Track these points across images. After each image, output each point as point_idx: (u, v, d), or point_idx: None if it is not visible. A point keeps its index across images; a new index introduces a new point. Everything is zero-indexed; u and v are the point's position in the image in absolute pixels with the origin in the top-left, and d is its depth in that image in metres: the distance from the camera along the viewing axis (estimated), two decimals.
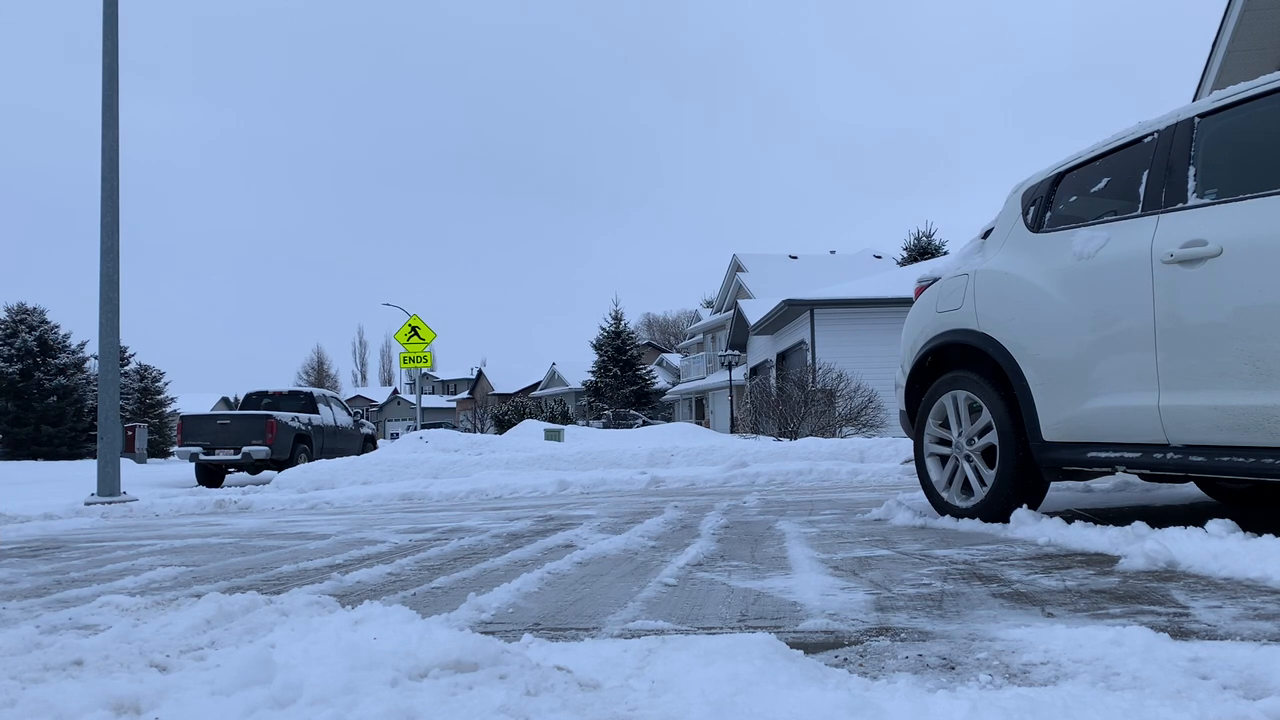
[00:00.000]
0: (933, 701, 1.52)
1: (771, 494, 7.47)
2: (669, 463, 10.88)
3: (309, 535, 5.36)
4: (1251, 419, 3.11)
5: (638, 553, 3.86)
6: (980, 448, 4.32)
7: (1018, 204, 4.42)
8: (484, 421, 50.71)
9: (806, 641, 2.11)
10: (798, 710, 1.49)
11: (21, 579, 3.74)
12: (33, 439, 33.11)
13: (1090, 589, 2.63)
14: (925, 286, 4.94)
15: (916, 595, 2.66)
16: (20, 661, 1.86)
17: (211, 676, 1.67)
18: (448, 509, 7.27)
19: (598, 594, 2.90)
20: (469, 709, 1.51)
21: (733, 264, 42.95)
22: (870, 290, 23.02)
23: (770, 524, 4.89)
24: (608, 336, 50.80)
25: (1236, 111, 3.43)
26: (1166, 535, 3.12)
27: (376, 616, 2.01)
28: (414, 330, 19.22)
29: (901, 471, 8.67)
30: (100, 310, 9.37)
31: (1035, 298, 4.05)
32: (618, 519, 5.51)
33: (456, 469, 10.77)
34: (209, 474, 14.18)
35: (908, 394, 4.91)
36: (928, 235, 38.57)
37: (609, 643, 2.10)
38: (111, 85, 9.61)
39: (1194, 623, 2.17)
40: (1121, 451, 3.64)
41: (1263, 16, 8.59)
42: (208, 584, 3.40)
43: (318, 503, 8.43)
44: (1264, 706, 1.48)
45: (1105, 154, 4.00)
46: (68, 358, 35.35)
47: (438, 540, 4.71)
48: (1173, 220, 3.46)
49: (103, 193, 9.46)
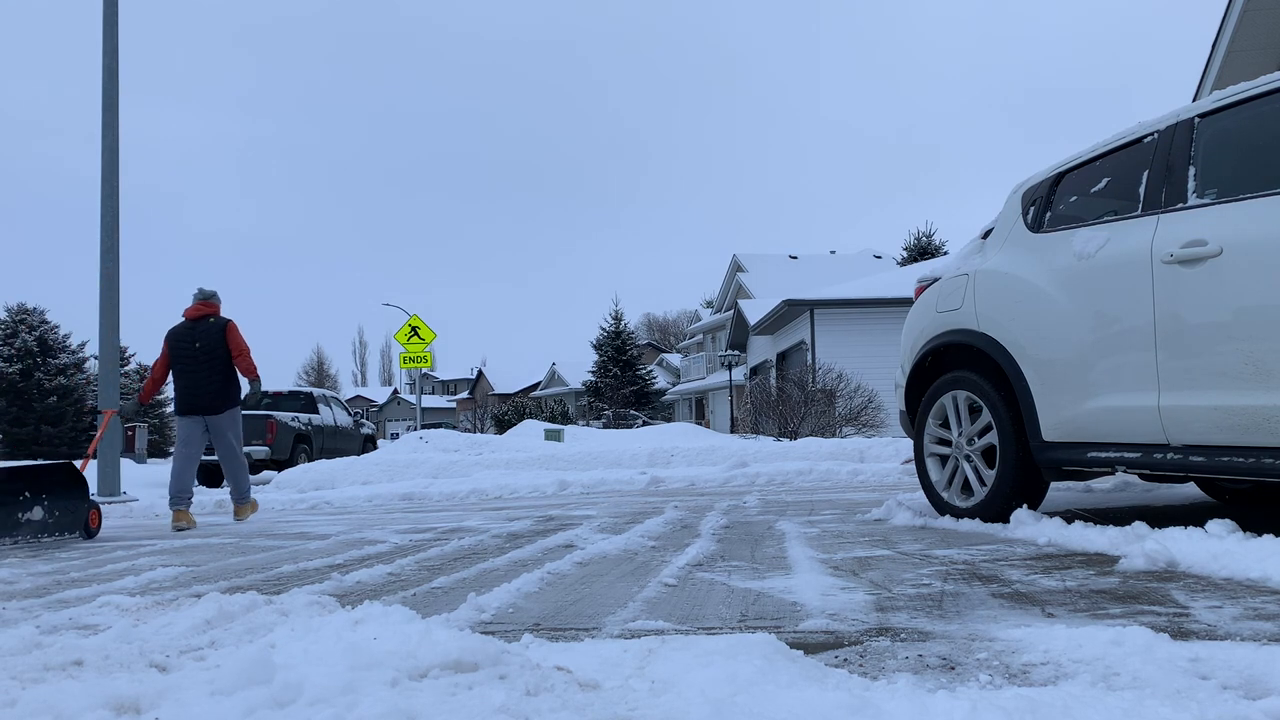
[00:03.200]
0: (933, 701, 1.52)
1: (772, 494, 7.48)
2: (669, 463, 10.88)
3: (309, 535, 5.36)
4: (1251, 419, 3.11)
5: (638, 553, 3.86)
6: (980, 448, 4.32)
7: (1018, 204, 4.42)
8: (484, 421, 50.70)
9: (806, 641, 2.11)
10: (798, 710, 1.49)
11: (21, 579, 3.74)
12: (33, 439, 33.14)
13: (1090, 589, 2.63)
14: (925, 286, 4.94)
15: (916, 595, 2.66)
16: (20, 661, 1.86)
17: (211, 676, 1.67)
18: (448, 509, 7.27)
19: (598, 594, 2.90)
20: (469, 709, 1.51)
21: (733, 264, 42.94)
22: (870, 290, 23.02)
23: (770, 524, 4.89)
24: (608, 337, 50.78)
25: (1236, 111, 3.43)
26: (1166, 535, 3.12)
27: (376, 616, 2.01)
28: (414, 330, 19.22)
29: (901, 471, 8.67)
30: (100, 310, 9.37)
31: (1035, 298, 4.05)
32: (618, 519, 5.51)
33: (456, 469, 10.77)
34: (209, 474, 14.17)
35: (908, 394, 4.91)
36: (928, 235, 38.59)
37: (609, 643, 2.10)
38: (111, 85, 9.62)
39: (1194, 623, 2.17)
40: (1121, 451, 3.64)
41: (1263, 16, 8.59)
42: (208, 584, 3.40)
43: (318, 503, 8.44)
44: (1264, 706, 1.48)
45: (1105, 154, 3.99)
46: (68, 358, 35.39)
47: (438, 540, 4.72)
48: (1173, 220, 3.46)
49: (103, 193, 9.47)
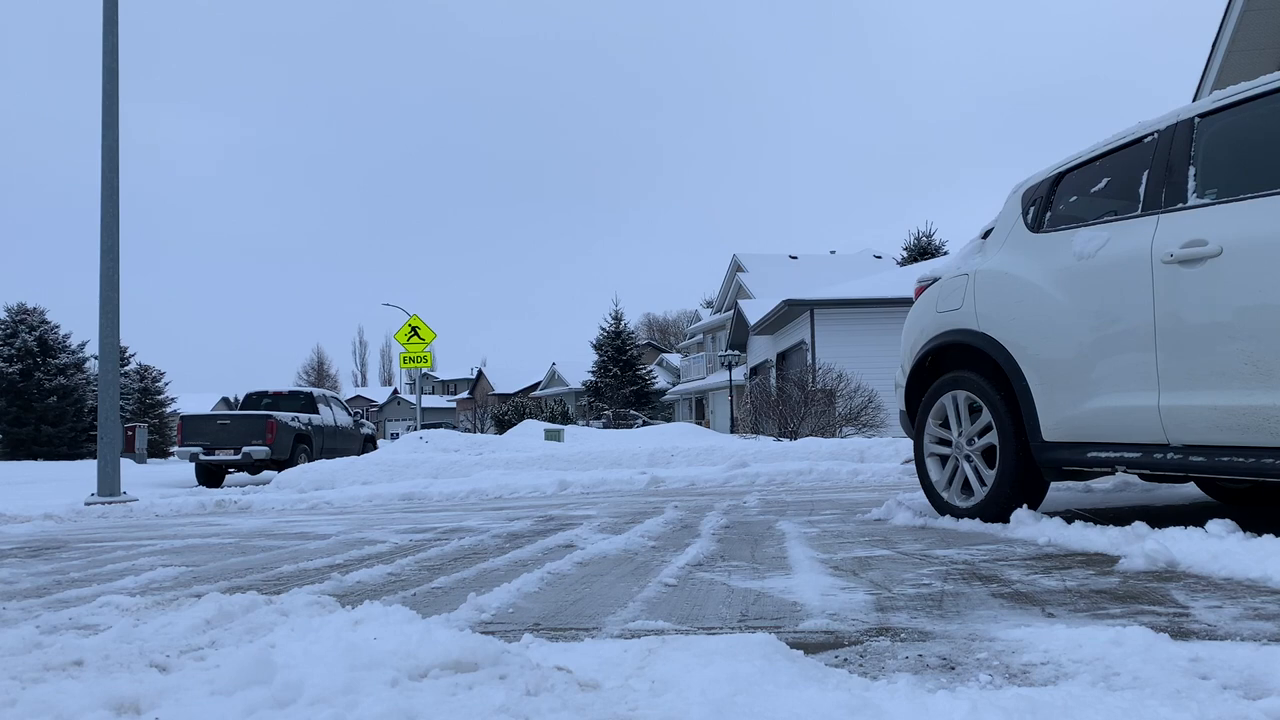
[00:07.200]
0: (933, 701, 1.52)
1: (772, 494, 7.47)
2: (669, 463, 10.87)
3: (309, 535, 5.36)
4: (1251, 419, 3.11)
5: (638, 553, 3.86)
6: (980, 448, 4.32)
7: (1018, 204, 4.42)
8: (484, 421, 50.75)
9: (807, 641, 2.11)
10: (798, 710, 1.49)
11: (22, 579, 3.74)
12: (33, 439, 33.13)
13: (1090, 589, 2.63)
14: (925, 286, 4.94)
15: (916, 595, 2.65)
16: (20, 661, 1.86)
17: (211, 676, 1.67)
18: (448, 509, 7.27)
19: (598, 594, 2.90)
20: (469, 709, 1.51)
21: (733, 264, 42.95)
22: (870, 290, 23.03)
23: (770, 524, 4.89)
24: (608, 336, 50.79)
25: (1236, 111, 3.43)
26: (1166, 535, 3.12)
27: (376, 616, 2.01)
28: (414, 330, 19.22)
29: (901, 471, 8.67)
30: (100, 310, 9.37)
31: (1035, 298, 4.05)
32: (618, 519, 5.51)
33: (456, 469, 10.76)
34: (209, 474, 14.19)
35: (908, 394, 4.91)
36: (928, 235, 38.61)
37: (609, 643, 2.10)
38: (111, 85, 9.61)
39: (1194, 623, 2.17)
40: (1121, 451, 3.64)
41: (1263, 16, 8.59)
42: (208, 584, 3.40)
43: (318, 503, 8.43)
44: (1264, 706, 1.48)
45: (1105, 154, 3.99)
46: (68, 358, 35.36)
47: (438, 540, 4.71)
48: (1173, 220, 3.46)
49: (103, 193, 9.46)
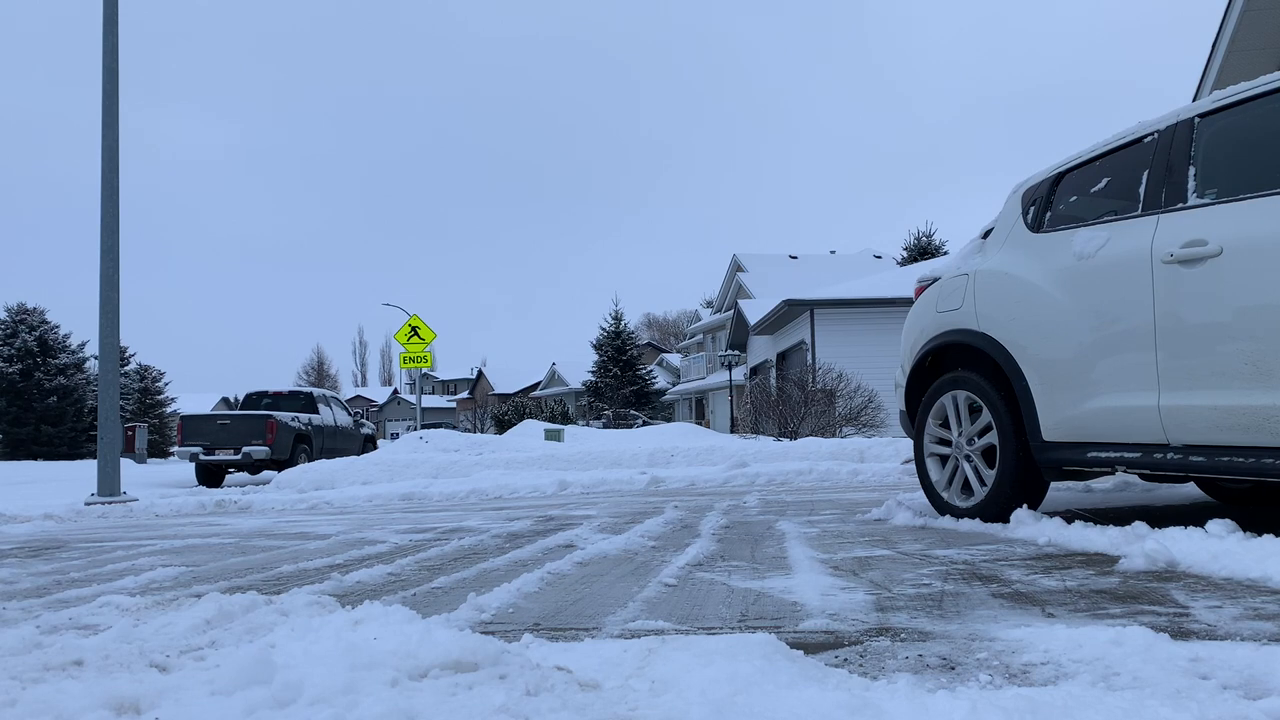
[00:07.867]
0: (933, 701, 1.52)
1: (771, 494, 7.47)
2: (669, 463, 10.87)
3: (309, 535, 5.36)
4: (1251, 419, 3.11)
5: (638, 553, 3.86)
6: (980, 448, 4.32)
7: (1018, 204, 4.42)
8: (484, 421, 50.72)
9: (806, 641, 2.11)
10: (798, 710, 1.49)
11: (21, 579, 3.74)
12: (33, 439, 33.12)
13: (1090, 589, 2.63)
14: (925, 286, 4.94)
15: (916, 595, 2.65)
16: (20, 661, 1.86)
17: (211, 676, 1.67)
18: (448, 509, 7.27)
19: (598, 594, 2.90)
20: (469, 709, 1.51)
21: (733, 264, 42.94)
22: (870, 290, 23.02)
23: (770, 524, 4.89)
24: (608, 336, 50.78)
25: (1236, 111, 3.43)
26: (1166, 535, 3.12)
27: (376, 616, 2.01)
28: (414, 330, 19.22)
29: (901, 471, 8.67)
30: (100, 310, 9.36)
31: (1035, 298, 4.05)
32: (618, 519, 5.51)
33: (456, 469, 10.76)
34: (209, 474, 14.19)
35: (908, 394, 4.91)
36: (928, 235, 38.60)
37: (609, 643, 2.10)
38: (111, 85, 9.61)
39: (1194, 623, 2.17)
40: (1121, 451, 3.64)
41: (1263, 16, 8.59)
42: (208, 584, 3.40)
43: (318, 503, 8.43)
44: (1264, 706, 1.48)
45: (1105, 154, 3.99)
46: (68, 358, 35.36)
47: (438, 540, 4.71)
48: (1173, 220, 3.46)
49: (103, 193, 9.46)
